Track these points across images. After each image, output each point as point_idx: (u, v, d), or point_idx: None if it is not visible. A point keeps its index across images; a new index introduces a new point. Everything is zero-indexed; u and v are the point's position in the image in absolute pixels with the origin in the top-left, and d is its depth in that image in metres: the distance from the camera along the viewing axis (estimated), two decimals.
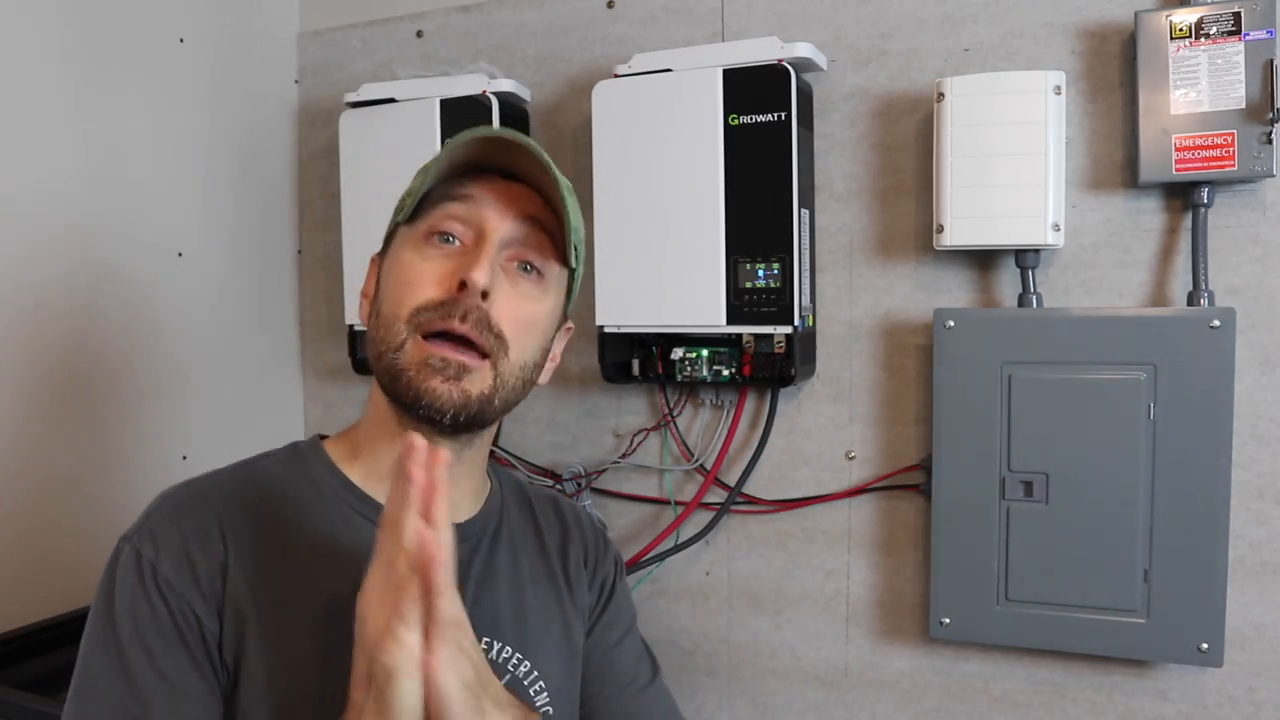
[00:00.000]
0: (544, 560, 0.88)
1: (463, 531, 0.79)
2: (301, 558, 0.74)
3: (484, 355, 0.74)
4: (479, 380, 0.74)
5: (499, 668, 0.79)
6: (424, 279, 0.73)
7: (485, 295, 0.73)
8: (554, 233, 0.78)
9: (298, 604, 0.72)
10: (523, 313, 0.76)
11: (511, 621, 0.82)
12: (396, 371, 0.73)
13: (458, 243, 0.75)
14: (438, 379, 0.72)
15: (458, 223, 0.75)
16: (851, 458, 1.27)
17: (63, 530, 1.23)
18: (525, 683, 0.80)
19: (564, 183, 0.76)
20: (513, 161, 0.76)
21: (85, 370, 1.26)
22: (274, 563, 0.73)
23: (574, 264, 0.79)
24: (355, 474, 0.79)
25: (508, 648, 0.80)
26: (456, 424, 0.74)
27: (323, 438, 0.83)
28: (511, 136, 0.73)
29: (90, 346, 1.27)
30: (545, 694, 0.81)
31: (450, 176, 0.77)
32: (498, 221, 0.75)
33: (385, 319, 0.75)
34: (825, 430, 1.28)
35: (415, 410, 0.73)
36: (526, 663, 0.81)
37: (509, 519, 0.87)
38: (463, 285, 0.72)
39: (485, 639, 0.78)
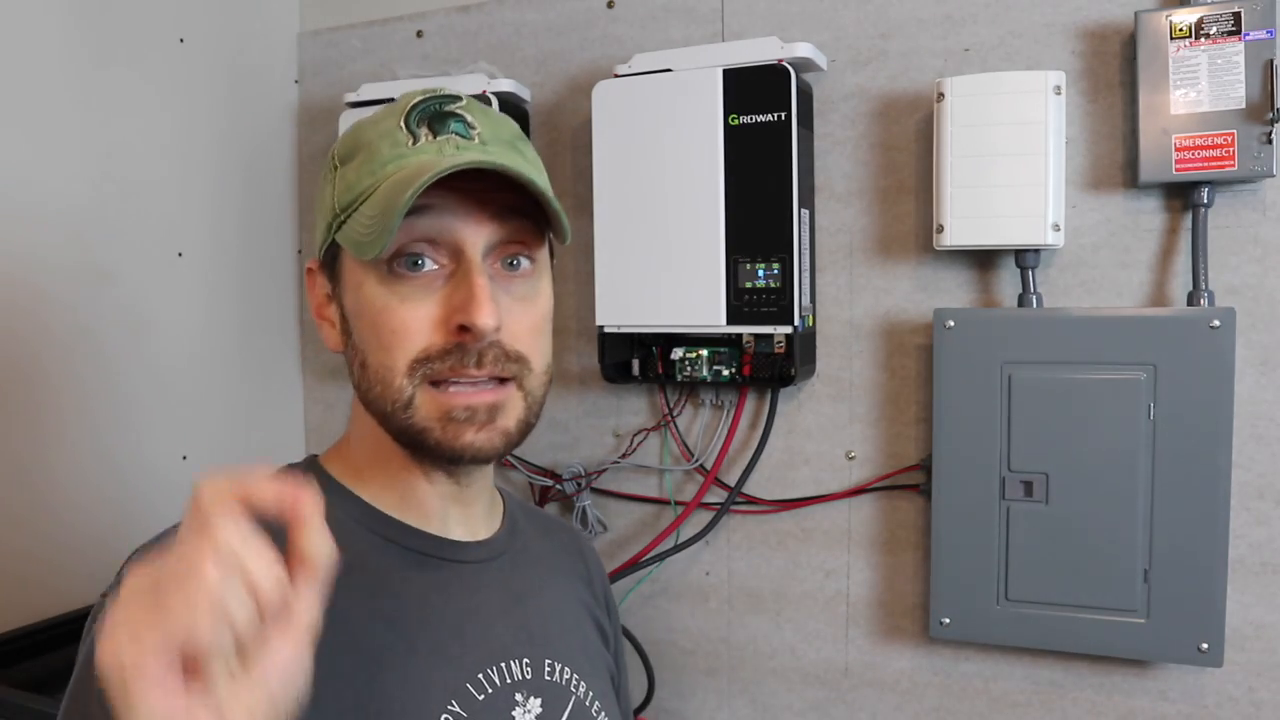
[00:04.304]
0: (568, 578, 0.83)
1: (490, 548, 0.75)
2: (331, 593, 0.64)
3: (508, 380, 0.66)
4: (512, 411, 0.66)
5: (562, 691, 0.72)
6: (411, 326, 0.64)
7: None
8: (531, 212, 0.66)
9: (337, 645, 0.60)
10: (531, 320, 0.68)
11: (561, 639, 0.75)
12: (416, 431, 0.65)
13: (429, 263, 0.64)
14: (470, 431, 0.64)
15: (424, 243, 0.64)
16: (851, 458, 1.27)
17: (63, 530, 1.23)
18: (588, 703, 0.74)
19: (526, 159, 0.66)
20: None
21: (85, 370, 1.26)
22: None
23: (565, 234, 0.67)
24: (367, 498, 0.71)
25: (566, 668, 0.73)
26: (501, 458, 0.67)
27: (314, 457, 0.75)
28: (462, 165, 0.61)
29: (90, 346, 1.27)
30: (604, 714, 0.75)
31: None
32: (474, 233, 0.64)
33: (377, 372, 0.65)
34: (825, 430, 1.28)
35: (457, 464, 0.67)
36: (584, 684, 0.74)
37: (525, 534, 0.81)
38: (463, 328, 0.63)
39: (547, 660, 0.72)
